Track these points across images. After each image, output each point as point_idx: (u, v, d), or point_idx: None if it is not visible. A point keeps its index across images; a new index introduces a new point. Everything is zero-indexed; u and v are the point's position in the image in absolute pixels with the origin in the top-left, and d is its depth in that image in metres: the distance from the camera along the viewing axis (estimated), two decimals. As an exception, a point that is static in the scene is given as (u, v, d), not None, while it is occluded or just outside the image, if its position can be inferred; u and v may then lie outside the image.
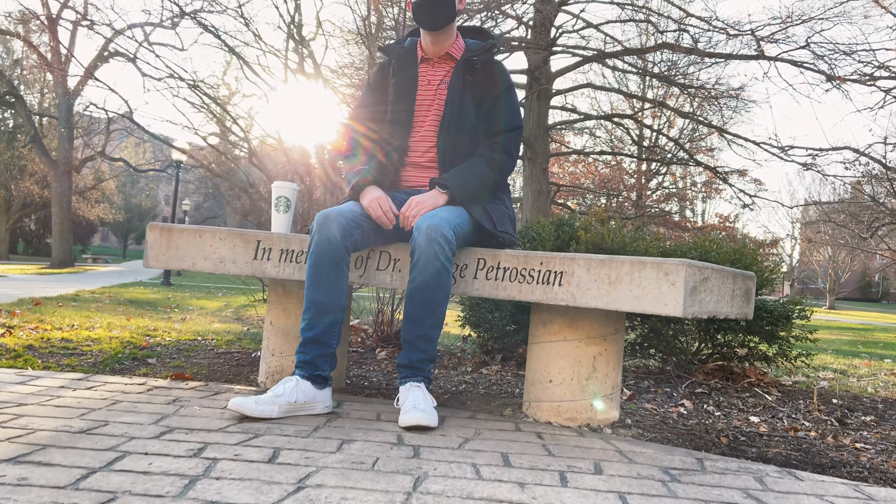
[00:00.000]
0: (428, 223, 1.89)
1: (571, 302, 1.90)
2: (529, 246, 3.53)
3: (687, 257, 3.18)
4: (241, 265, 2.20)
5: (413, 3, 2.21)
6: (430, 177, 2.23)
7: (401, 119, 2.24)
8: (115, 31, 10.64)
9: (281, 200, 2.26)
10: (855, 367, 5.14)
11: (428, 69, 2.28)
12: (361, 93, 2.40)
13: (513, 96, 2.25)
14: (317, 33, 12.36)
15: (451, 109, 2.19)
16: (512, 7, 12.05)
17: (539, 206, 15.85)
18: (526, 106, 15.01)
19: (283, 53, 7.63)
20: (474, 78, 2.23)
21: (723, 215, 31.88)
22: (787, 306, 3.27)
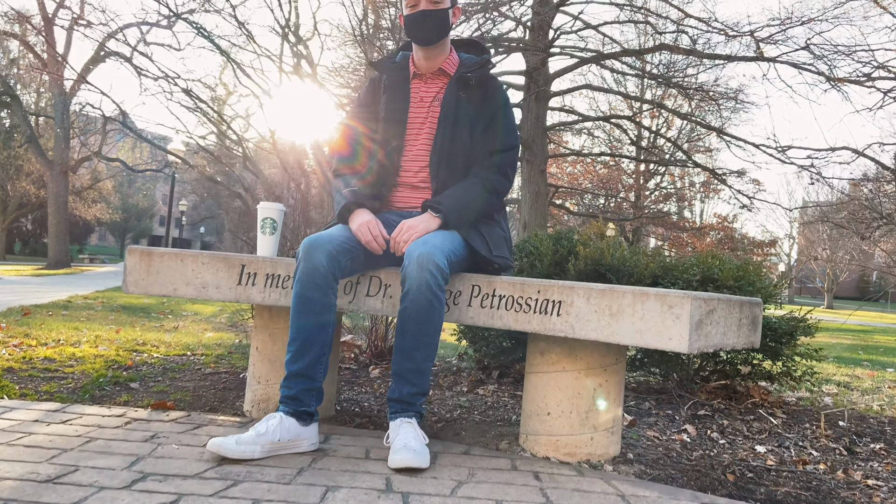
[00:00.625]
0: (419, 251, 1.79)
1: (570, 333, 1.80)
2: (527, 261, 3.44)
3: (688, 274, 3.09)
4: (225, 291, 2.11)
5: (405, 17, 2.12)
6: (422, 197, 2.13)
7: (392, 137, 2.15)
8: (111, 33, 10.51)
9: (267, 222, 2.17)
10: (858, 378, 5.06)
11: (420, 85, 2.18)
12: (351, 109, 2.30)
13: (509, 114, 2.16)
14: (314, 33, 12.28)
15: (445, 127, 2.10)
16: (510, 9, 11.95)
17: (537, 208, 15.77)
18: (524, 107, 14.92)
19: (278, 56, 7.52)
20: (468, 95, 2.13)
21: (721, 215, 31.85)
22: (790, 322, 3.18)
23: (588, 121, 17.41)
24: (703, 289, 3.00)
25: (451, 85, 2.13)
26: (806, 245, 46.73)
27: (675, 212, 30.51)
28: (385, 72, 2.21)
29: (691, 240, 28.26)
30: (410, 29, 2.11)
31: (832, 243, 42.62)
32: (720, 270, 3.01)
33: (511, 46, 12.89)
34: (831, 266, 45.06)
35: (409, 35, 2.14)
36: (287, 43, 7.52)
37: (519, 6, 11.90)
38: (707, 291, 3.01)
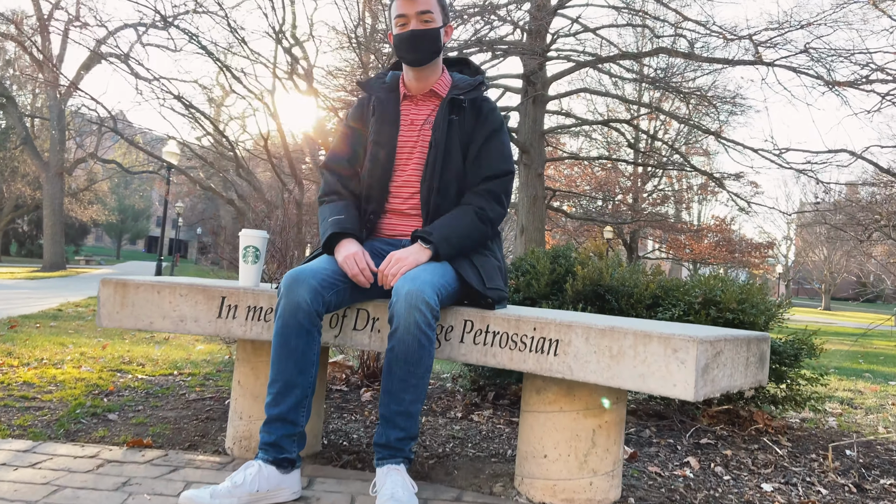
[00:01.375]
0: (408, 287, 1.69)
1: (568, 375, 1.70)
2: (523, 280, 3.33)
3: (690, 296, 2.99)
4: (204, 324, 2.00)
5: (395, 37, 2.01)
6: (412, 225, 2.03)
7: (381, 162, 2.04)
8: (107, 34, 10.39)
9: (249, 251, 2.06)
10: (861, 393, 4.96)
11: (411, 107, 2.08)
12: (338, 130, 2.20)
13: (503, 137, 2.05)
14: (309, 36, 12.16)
15: (436, 152, 1.99)
16: (508, 13, 11.85)
17: (534, 212, 15.67)
18: (521, 111, 14.83)
19: (272, 61, 7.41)
20: (461, 117, 2.03)
21: (719, 217, 31.82)
22: (795, 345, 3.08)
23: (586, 124, 17.31)
24: (704, 312, 2.90)
25: (442, 107, 2.03)
26: (803, 246, 46.77)
27: (672, 214, 30.45)
28: (374, 93, 2.10)
29: (689, 242, 28.23)
30: (400, 49, 2.01)
31: (830, 245, 42.64)
32: (723, 293, 2.91)
33: (509, 50, 12.80)
34: (828, 267, 45.05)
35: (399, 55, 2.04)
36: (281, 47, 7.41)
37: (516, 10, 11.80)
38: (709, 314, 2.91)
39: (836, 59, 12.92)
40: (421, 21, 1.98)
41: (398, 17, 2.00)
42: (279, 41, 7.05)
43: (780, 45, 12.95)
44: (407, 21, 1.98)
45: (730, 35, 12.89)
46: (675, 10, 13.78)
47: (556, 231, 27.58)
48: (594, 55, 14.20)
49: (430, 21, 1.99)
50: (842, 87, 13.21)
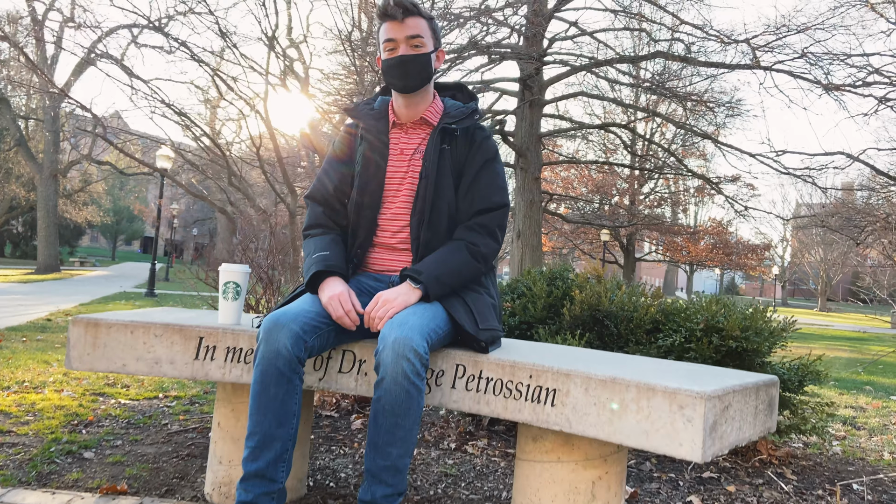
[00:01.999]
0: (395, 335, 1.58)
1: (566, 427, 1.60)
2: (519, 303, 3.23)
3: (691, 322, 2.89)
4: (181, 367, 1.89)
5: (383, 62, 1.91)
6: (401, 260, 1.93)
7: (369, 193, 1.94)
8: (101, 35, 10.24)
9: (229, 287, 1.95)
10: (863, 410, 4.88)
11: (401, 136, 1.97)
12: (325, 158, 2.09)
13: (497, 168, 1.95)
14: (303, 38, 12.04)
15: (427, 184, 1.89)
16: (504, 17, 11.75)
17: (531, 216, 15.58)
18: (518, 114, 14.73)
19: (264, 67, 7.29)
20: (453, 147, 1.92)
21: (716, 219, 31.82)
22: (799, 371, 2.98)
23: (583, 128, 17.23)
24: (707, 339, 2.79)
25: (433, 136, 1.92)
26: (799, 248, 46.83)
27: (669, 216, 30.40)
28: (361, 120, 2.00)
29: (686, 244, 28.19)
30: (388, 75, 1.91)
31: (826, 246, 42.70)
32: (725, 319, 2.81)
33: (505, 54, 12.70)
34: (824, 268, 45.10)
35: (388, 81, 1.93)
36: (273, 53, 7.29)
37: (513, 14, 11.70)
38: (711, 341, 2.81)
39: (834, 62, 12.87)
40: (410, 46, 1.87)
41: (386, 41, 1.89)
42: (272, 47, 6.93)
43: (777, 50, 12.89)
44: (395, 46, 1.88)
45: (727, 39, 12.83)
46: (672, 14, 13.71)
47: (553, 234, 27.52)
48: (591, 58, 14.12)
49: (421, 46, 1.88)
50: (840, 90, 13.15)
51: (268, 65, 7.18)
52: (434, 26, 1.94)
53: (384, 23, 1.90)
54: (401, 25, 1.87)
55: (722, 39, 12.92)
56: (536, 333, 3.05)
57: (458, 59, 11.88)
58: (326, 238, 1.92)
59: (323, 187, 2.01)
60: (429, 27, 1.91)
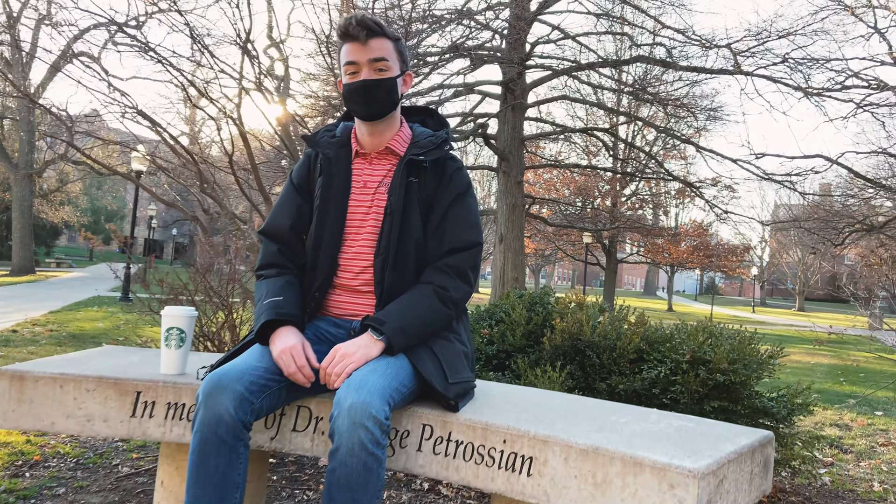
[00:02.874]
0: (352, 399, 1.41)
1: (544, 500, 1.43)
2: (497, 330, 3.07)
3: (677, 353, 2.75)
4: (115, 424, 1.70)
5: (345, 86, 1.73)
6: (364, 304, 1.75)
7: (329, 230, 1.76)
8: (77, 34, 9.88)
9: (172, 333, 1.76)
10: (848, 428, 4.79)
11: (364, 167, 1.80)
12: (281, 191, 1.91)
13: (470, 203, 1.78)
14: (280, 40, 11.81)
15: (393, 220, 1.71)
16: (485, 20, 11.60)
17: (514, 220, 15.47)
18: (500, 118, 14.61)
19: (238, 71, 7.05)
20: (421, 180, 1.75)
21: (696, 221, 32.05)
22: (788, 403, 2.85)
23: (565, 132, 17.16)
24: (693, 372, 2.65)
25: (400, 168, 1.75)
26: (778, 248, 47.37)
27: (651, 218, 30.50)
28: (321, 149, 1.82)
29: (667, 246, 28.32)
30: (350, 100, 1.73)
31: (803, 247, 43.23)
32: (713, 351, 2.67)
33: (487, 58, 12.56)
34: (802, 268, 45.64)
35: (349, 107, 1.76)
36: (247, 56, 7.05)
37: (495, 18, 11.55)
38: (698, 374, 2.67)
39: (814, 66, 12.92)
40: (374, 70, 1.70)
41: (348, 64, 1.71)
42: (245, 50, 6.71)
43: (759, 55, 12.89)
44: (358, 69, 1.70)
45: (708, 44, 12.81)
46: (653, 18, 13.67)
47: (536, 235, 27.48)
48: (574, 62, 14.04)
49: (386, 70, 1.71)
50: (820, 96, 13.19)
51: (241, 68, 6.94)
52: (401, 48, 1.77)
53: (345, 44, 1.73)
54: (364, 48, 1.69)
55: (703, 44, 12.90)
56: (515, 363, 2.89)
57: (439, 63, 11.72)
58: (280, 280, 1.74)
59: (278, 222, 1.83)
60: (395, 49, 1.74)
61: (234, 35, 7.09)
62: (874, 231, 27.38)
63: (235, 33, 6.87)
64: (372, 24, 1.70)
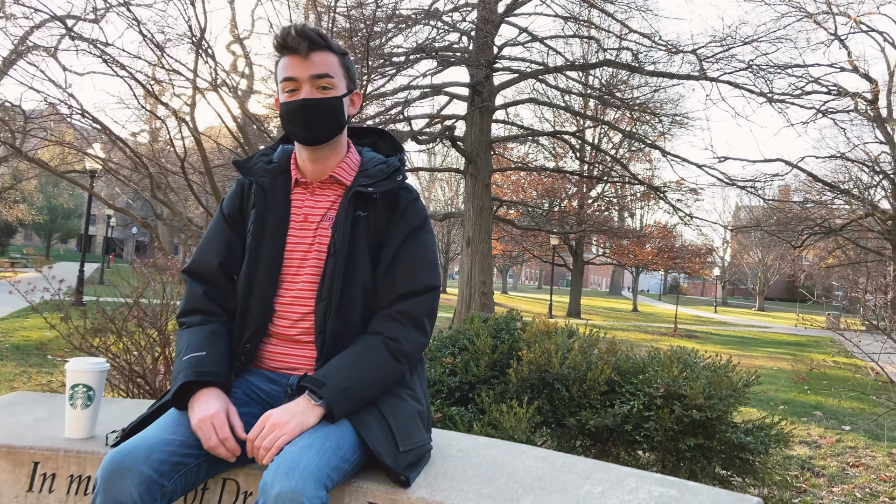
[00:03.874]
0: (280, 486, 1.18)
1: None
2: (460, 360, 2.87)
3: (650, 386, 2.58)
4: (9, 501, 1.44)
5: (282, 105, 1.50)
6: (303, 356, 1.52)
7: (263, 270, 1.53)
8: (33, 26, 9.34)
9: (78, 391, 1.51)
10: (818, 447, 4.72)
11: (305, 197, 1.57)
12: (209, 225, 1.66)
13: (426, 240, 1.57)
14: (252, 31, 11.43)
15: (337, 260, 1.49)
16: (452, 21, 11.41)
17: (481, 223, 15.33)
18: (468, 120, 14.44)
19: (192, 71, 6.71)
20: (370, 213, 1.53)
21: (660, 223, 32.51)
22: (763, 437, 2.71)
23: (533, 135, 17.10)
24: (668, 408, 2.49)
25: (346, 200, 1.52)
26: (739, 249, 48.35)
27: (616, 220, 30.77)
28: (254, 176, 1.58)
29: (633, 248, 28.59)
30: (289, 122, 1.50)
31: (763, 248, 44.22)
32: (689, 386, 2.51)
33: (455, 59, 12.37)
34: (762, 269, 46.66)
35: (287, 130, 1.53)
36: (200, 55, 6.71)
37: (462, 19, 11.37)
38: (673, 410, 2.51)
39: (776, 73, 13.08)
40: (316, 87, 1.48)
41: (286, 80, 1.49)
42: (199, 48, 6.38)
43: (724, 62, 12.98)
44: (298, 87, 1.48)
45: (674, 49, 12.84)
46: (620, 22, 13.65)
47: (504, 237, 27.46)
48: (542, 64, 13.95)
49: (330, 88, 1.49)
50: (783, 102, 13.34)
51: (196, 67, 6.60)
52: (348, 63, 1.55)
53: (284, 57, 1.50)
54: (305, 62, 1.47)
55: (669, 49, 12.93)
56: (479, 397, 2.69)
57: (406, 64, 11.48)
58: (204, 330, 1.50)
59: (205, 259, 1.59)
60: (341, 64, 1.52)
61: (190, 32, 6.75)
62: (832, 234, 28.11)
63: (189, 30, 6.54)
64: (314, 36, 1.48)
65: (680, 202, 18.17)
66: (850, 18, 18.15)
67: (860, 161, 23.24)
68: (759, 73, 12.68)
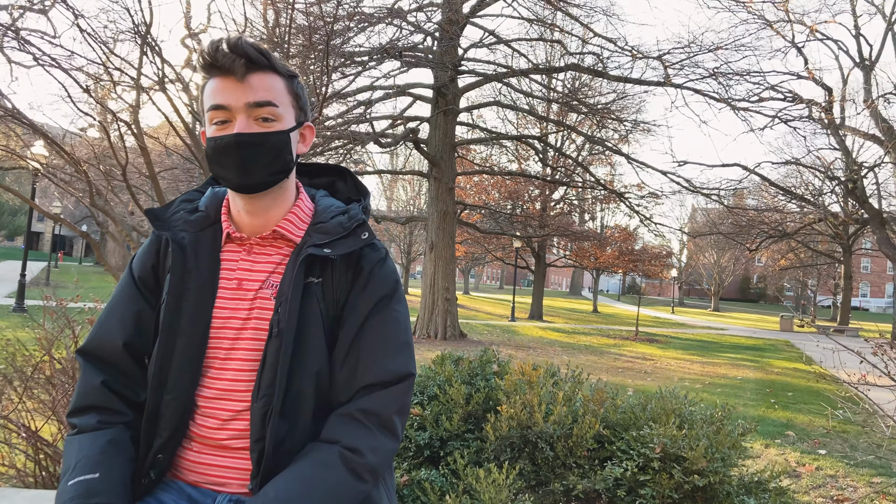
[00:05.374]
0: None
1: None
2: (430, 412, 2.53)
3: (646, 446, 2.29)
4: None
5: (209, 141, 1.15)
6: (236, 467, 1.16)
7: (182, 354, 1.17)
8: None
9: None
10: (796, 475, 4.55)
11: (239, 258, 1.21)
12: (113, 293, 1.28)
13: (397, 314, 1.22)
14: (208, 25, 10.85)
15: (282, 342, 1.14)
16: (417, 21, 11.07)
17: (444, 228, 15.03)
18: (432, 123, 14.13)
19: (136, 69, 6.20)
20: (326, 279, 1.19)
21: (621, 226, 32.89)
22: (769, 501, 2.46)
23: (499, 138, 16.89)
24: (666, 473, 2.21)
25: (294, 263, 1.18)
26: (695, 250, 49.33)
27: (578, 222, 30.90)
28: (171, 230, 1.22)
29: (594, 250, 28.76)
30: (217, 164, 1.15)
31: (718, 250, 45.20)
32: (689, 446, 2.23)
33: (420, 60, 12.02)
34: (717, 270, 47.69)
35: (217, 173, 1.17)
36: (145, 52, 6.21)
37: (427, 20, 11.03)
38: (672, 475, 2.23)
39: (737, 80, 13.17)
40: (255, 119, 1.12)
41: (214, 108, 1.13)
42: (144, 44, 5.88)
43: (687, 68, 12.99)
44: (230, 117, 1.12)
45: (639, 54, 12.78)
46: (584, 25, 13.53)
47: (467, 240, 27.25)
48: (507, 67, 13.72)
49: (273, 119, 1.14)
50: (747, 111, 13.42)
51: (140, 65, 6.10)
52: (297, 89, 1.20)
53: (212, 79, 1.14)
54: (240, 86, 1.12)
55: (634, 55, 12.86)
56: (451, 457, 2.36)
57: (368, 64, 11.08)
58: (101, 439, 1.12)
59: (106, 338, 1.21)
60: (288, 90, 1.17)
61: (134, 26, 6.24)
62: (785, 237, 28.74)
63: (133, 23, 6.03)
64: (253, 52, 1.12)
65: (640, 206, 18.25)
66: (807, 27, 18.50)
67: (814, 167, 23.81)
68: (721, 79, 12.73)
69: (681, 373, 10.90)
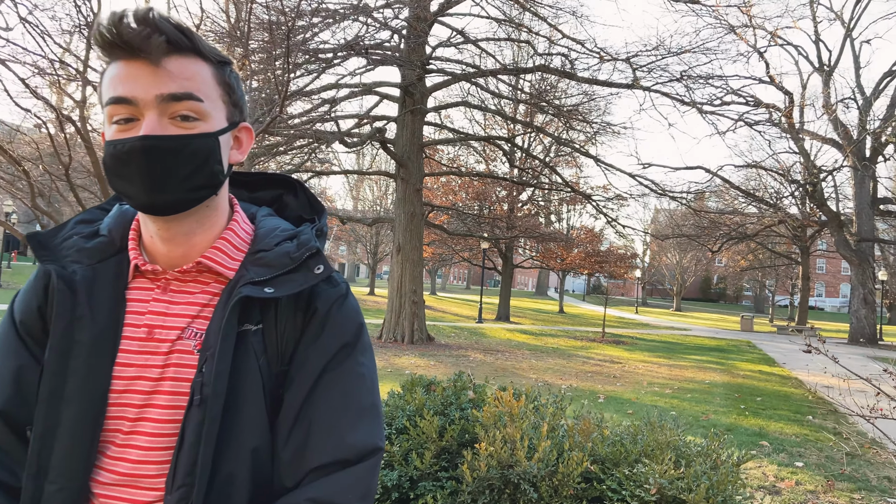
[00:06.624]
0: None
1: None
2: (398, 449, 2.25)
3: (640, 486, 2.06)
4: None
5: (107, 145, 0.85)
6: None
7: (69, 429, 0.87)
8: None
9: None
10: (777, 491, 4.41)
11: (150, 297, 0.91)
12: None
13: (362, 368, 0.94)
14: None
15: (206, 412, 0.85)
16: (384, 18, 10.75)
17: (412, 230, 14.74)
18: (399, 123, 13.83)
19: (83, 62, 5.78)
20: (268, 325, 0.91)
21: (586, 227, 33.13)
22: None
23: (467, 139, 16.69)
24: (664, 517, 1.98)
25: (225, 305, 0.89)
26: (657, 251, 50.05)
27: (544, 224, 30.97)
28: (58, 263, 0.92)
29: (560, 251, 28.84)
30: (116, 176, 0.86)
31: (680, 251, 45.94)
32: (688, 489, 2.00)
33: (387, 58, 11.71)
34: (679, 271, 48.48)
35: (117, 188, 0.88)
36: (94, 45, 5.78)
37: (394, 17, 10.73)
38: (669, 518, 2.00)
39: (702, 83, 13.25)
40: (170, 117, 0.84)
41: (114, 101, 0.84)
42: (91, 35, 5.42)
43: (655, 72, 12.99)
44: (135, 114, 0.83)
45: (607, 56, 12.71)
46: (552, 26, 13.40)
47: (434, 241, 27.01)
48: (475, 67, 13.51)
49: (196, 118, 0.85)
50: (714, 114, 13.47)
51: (87, 58, 5.71)
52: (230, 79, 0.91)
53: (114, 62, 0.85)
54: (151, 72, 0.83)
55: (602, 56, 12.78)
56: (423, 500, 2.09)
57: (333, 61, 10.73)
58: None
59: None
60: (217, 80, 0.88)
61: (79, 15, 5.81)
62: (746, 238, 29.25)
63: (78, 12, 5.61)
64: (170, 28, 0.83)
65: (605, 207, 18.28)
66: (769, 32, 18.76)
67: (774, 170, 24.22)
68: (687, 83, 12.77)
69: (649, 377, 10.82)
